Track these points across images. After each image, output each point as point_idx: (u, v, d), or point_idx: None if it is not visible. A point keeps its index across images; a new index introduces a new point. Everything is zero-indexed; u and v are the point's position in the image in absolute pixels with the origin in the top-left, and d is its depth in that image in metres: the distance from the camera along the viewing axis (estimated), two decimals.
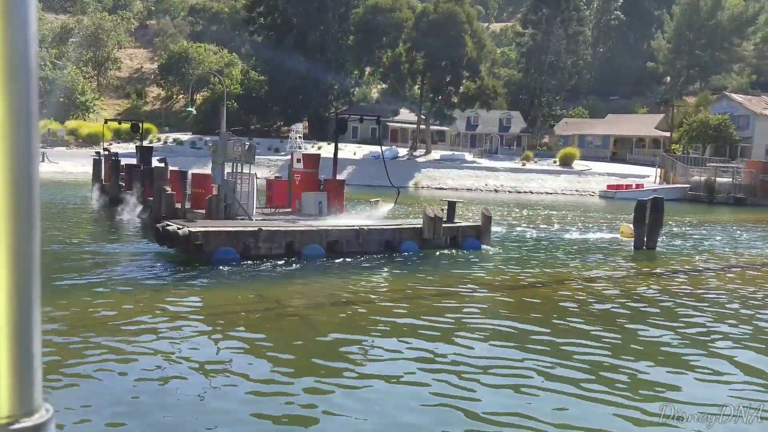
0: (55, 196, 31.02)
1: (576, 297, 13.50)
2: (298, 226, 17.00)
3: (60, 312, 10.24)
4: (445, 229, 18.80)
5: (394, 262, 16.73)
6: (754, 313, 12.56)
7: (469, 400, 7.37)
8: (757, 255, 21.65)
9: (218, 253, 15.05)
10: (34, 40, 0.85)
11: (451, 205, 20.59)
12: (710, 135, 70.00)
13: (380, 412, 7.00)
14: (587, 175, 62.10)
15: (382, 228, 18.20)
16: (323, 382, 7.72)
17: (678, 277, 16.78)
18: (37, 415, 0.87)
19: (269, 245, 15.87)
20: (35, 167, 0.86)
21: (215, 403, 7.07)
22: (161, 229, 15.86)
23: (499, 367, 8.57)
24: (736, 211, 44.90)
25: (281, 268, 14.94)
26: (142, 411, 6.77)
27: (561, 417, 6.92)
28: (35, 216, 0.87)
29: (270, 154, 59.69)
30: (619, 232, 24.96)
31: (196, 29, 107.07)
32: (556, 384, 7.94)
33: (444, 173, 59.42)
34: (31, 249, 0.87)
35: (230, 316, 10.79)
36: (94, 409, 6.77)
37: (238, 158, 18.29)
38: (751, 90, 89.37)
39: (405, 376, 8.13)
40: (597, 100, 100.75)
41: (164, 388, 7.41)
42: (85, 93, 79.16)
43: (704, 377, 8.40)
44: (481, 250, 19.13)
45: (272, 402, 7.10)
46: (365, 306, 12.05)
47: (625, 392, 7.67)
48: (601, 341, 10.05)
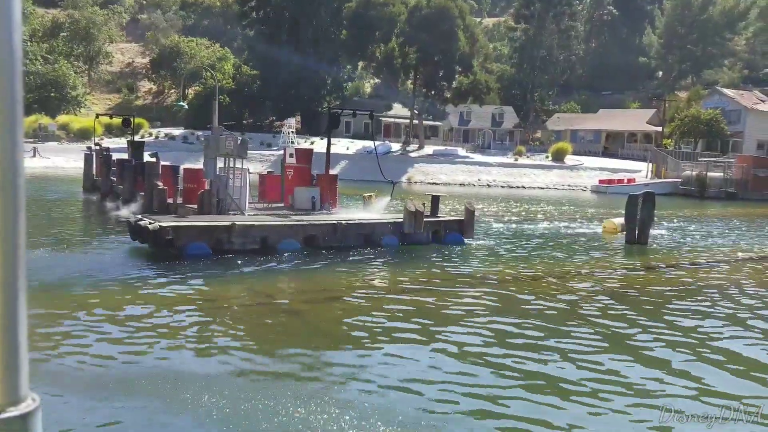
0: (45, 191, 30.85)
1: (562, 291, 13.50)
2: (273, 221, 16.77)
3: (39, 306, 10.19)
4: (427, 224, 18.70)
5: (372, 256, 16.52)
6: (748, 308, 12.61)
7: (457, 393, 7.39)
8: (748, 248, 21.76)
9: (189, 249, 14.85)
10: (18, 32, 0.84)
11: (435, 199, 20.54)
12: (702, 130, 70.23)
13: (370, 408, 7.01)
14: (579, 170, 62.25)
15: (361, 222, 18.07)
16: (299, 379, 7.72)
17: (670, 271, 16.85)
18: (24, 404, 0.88)
19: (243, 240, 15.63)
20: (20, 162, 0.85)
21: (198, 399, 7.06)
22: (133, 223, 15.64)
23: (484, 363, 8.57)
24: (728, 205, 45.12)
25: (250, 264, 14.53)
26: (129, 407, 6.75)
27: (557, 418, 6.86)
28: (21, 210, 0.87)
29: (263, 149, 59.52)
30: (602, 227, 24.94)
31: (187, 23, 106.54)
32: (552, 383, 7.93)
33: (437, 168, 59.43)
34: (17, 243, 0.86)
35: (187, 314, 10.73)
36: (79, 403, 6.74)
37: (231, 153, 18.22)
38: (743, 85, 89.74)
39: (379, 371, 8.14)
40: (589, 95, 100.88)
41: (150, 383, 7.40)
42: (77, 88, 78.67)
43: (703, 376, 8.30)
44: (463, 245, 19.10)
45: (246, 399, 7.09)
46: (332, 303, 12.02)
47: (623, 391, 7.54)
48: (591, 337, 10.04)
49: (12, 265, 0.86)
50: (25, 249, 0.87)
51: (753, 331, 10.81)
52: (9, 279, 0.86)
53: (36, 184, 34.43)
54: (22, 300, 0.89)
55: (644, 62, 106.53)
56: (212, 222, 15.86)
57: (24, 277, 0.88)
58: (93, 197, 28.59)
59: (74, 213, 24.90)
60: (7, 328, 0.86)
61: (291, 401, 6.97)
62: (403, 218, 18.35)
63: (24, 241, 0.88)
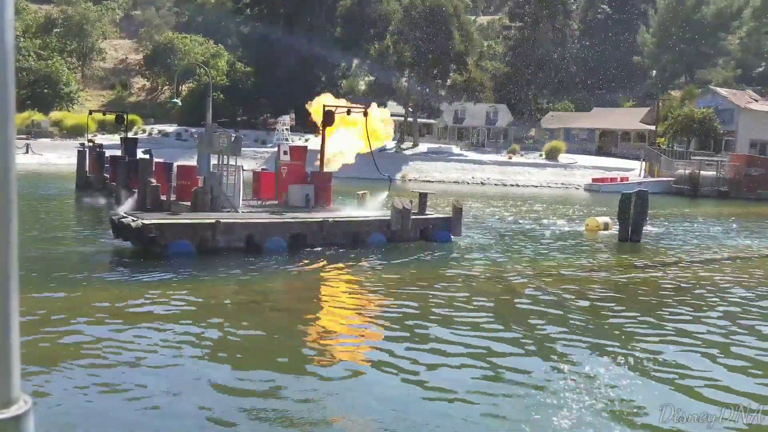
0: (37, 188, 30.73)
1: (549, 289, 13.49)
2: (259, 218, 16.64)
3: (29, 306, 10.16)
4: (414, 221, 18.67)
5: (359, 254, 16.43)
6: (742, 307, 12.65)
7: (448, 390, 7.41)
8: (741, 247, 21.87)
9: (172, 247, 14.66)
10: (10, 28, 0.84)
11: (423, 196, 20.55)
12: (695, 129, 70.48)
13: (364, 406, 7.02)
14: (573, 169, 62.40)
15: (348, 220, 18.00)
16: (292, 377, 7.72)
17: (662, 268, 16.90)
18: (15, 406, 0.87)
19: (228, 238, 15.45)
20: (11, 158, 0.84)
21: (188, 400, 7.06)
22: (116, 221, 15.38)
23: (470, 363, 8.58)
24: (721, 204, 45.31)
25: (234, 263, 14.37)
26: (121, 408, 6.74)
27: (554, 418, 6.83)
28: (12, 209, 0.85)
29: (257, 146, 59.43)
30: (584, 225, 24.81)
31: (181, 20, 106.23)
32: (546, 382, 7.94)
33: (431, 166, 59.48)
34: (8, 241, 0.85)
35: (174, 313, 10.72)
36: (69, 405, 6.73)
37: (224, 150, 18.18)
38: (736, 84, 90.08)
39: (369, 370, 8.15)
40: (583, 94, 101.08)
41: (141, 385, 7.39)
42: (70, 84, 78.35)
43: (702, 374, 8.23)
44: (451, 242, 19.11)
45: (242, 397, 7.10)
46: (318, 302, 12.03)
47: (621, 391, 7.46)
48: (582, 336, 10.05)
49: (3, 265, 0.84)
50: None
51: (748, 327, 10.85)
52: (0, 279, 0.84)
53: (28, 181, 34.28)
54: (14, 301, 0.87)
55: (638, 61, 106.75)
56: (196, 219, 15.67)
57: (16, 277, 0.86)
58: (85, 194, 28.50)
59: (65, 210, 24.80)
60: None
61: (279, 401, 6.98)
62: (391, 216, 18.33)
63: (15, 241, 0.86)
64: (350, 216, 18.57)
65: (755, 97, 78.11)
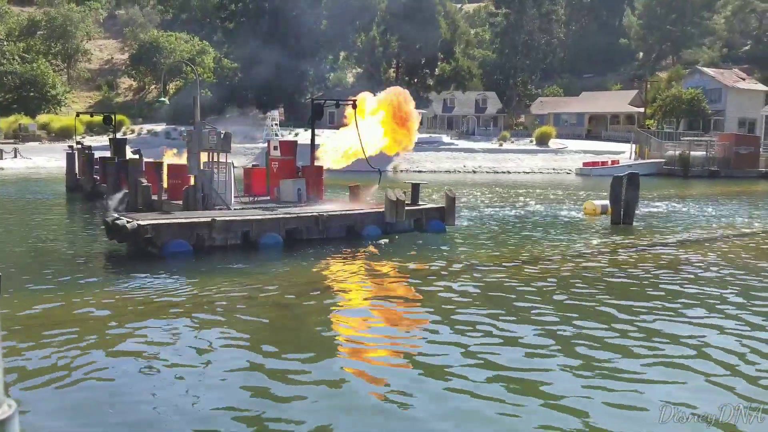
0: (26, 192, 30.55)
1: (546, 274, 13.51)
2: (254, 215, 16.64)
3: (17, 310, 10.11)
4: (408, 212, 18.70)
5: (355, 247, 16.50)
6: (738, 289, 12.71)
7: (449, 381, 7.43)
8: (732, 226, 21.98)
9: (169, 247, 14.63)
10: None
11: (415, 187, 20.57)
12: (683, 109, 70.68)
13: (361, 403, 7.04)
14: (564, 153, 62.50)
15: (343, 213, 18.05)
16: (294, 373, 7.73)
17: (656, 250, 16.97)
18: (0, 410, 0.86)
19: (224, 236, 15.44)
20: None
21: (191, 399, 7.06)
22: (111, 222, 15.27)
23: (466, 353, 8.61)
24: (711, 184, 45.52)
25: (233, 260, 14.39)
26: (116, 408, 6.73)
27: (551, 417, 6.74)
28: None
29: (246, 142, 59.17)
30: (582, 209, 25.12)
31: (165, 18, 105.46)
32: (544, 380, 7.92)
33: (422, 156, 59.38)
34: None
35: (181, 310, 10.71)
36: (63, 408, 6.72)
37: (214, 147, 18.11)
38: (723, 63, 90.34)
39: (369, 363, 8.17)
40: (571, 78, 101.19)
41: (138, 384, 7.38)
42: (56, 86, 77.73)
43: (701, 372, 7.93)
44: (445, 232, 19.15)
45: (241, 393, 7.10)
46: (318, 295, 12.01)
47: (620, 390, 7.26)
48: (580, 326, 10.07)
49: None
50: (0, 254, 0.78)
51: (746, 313, 10.92)
52: None
53: (18, 186, 34.06)
54: None
55: (624, 44, 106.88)
56: (191, 219, 15.66)
57: None
58: (76, 196, 28.35)
59: (57, 213, 24.65)
60: None
61: (281, 398, 6.99)
62: (385, 207, 18.35)
63: None
64: (344, 209, 18.57)
65: (742, 76, 78.37)
